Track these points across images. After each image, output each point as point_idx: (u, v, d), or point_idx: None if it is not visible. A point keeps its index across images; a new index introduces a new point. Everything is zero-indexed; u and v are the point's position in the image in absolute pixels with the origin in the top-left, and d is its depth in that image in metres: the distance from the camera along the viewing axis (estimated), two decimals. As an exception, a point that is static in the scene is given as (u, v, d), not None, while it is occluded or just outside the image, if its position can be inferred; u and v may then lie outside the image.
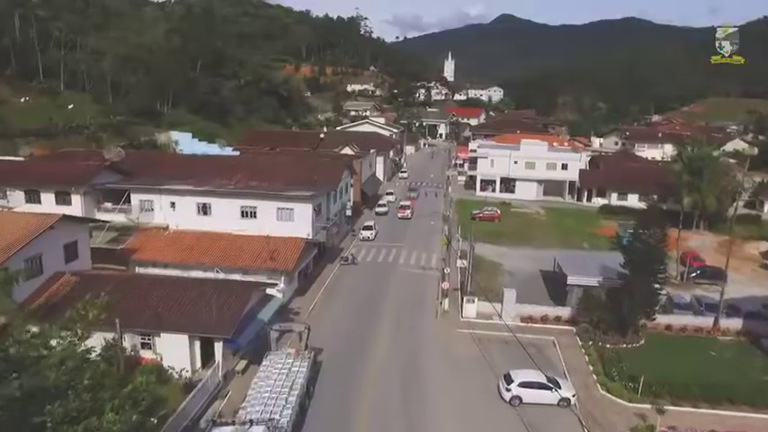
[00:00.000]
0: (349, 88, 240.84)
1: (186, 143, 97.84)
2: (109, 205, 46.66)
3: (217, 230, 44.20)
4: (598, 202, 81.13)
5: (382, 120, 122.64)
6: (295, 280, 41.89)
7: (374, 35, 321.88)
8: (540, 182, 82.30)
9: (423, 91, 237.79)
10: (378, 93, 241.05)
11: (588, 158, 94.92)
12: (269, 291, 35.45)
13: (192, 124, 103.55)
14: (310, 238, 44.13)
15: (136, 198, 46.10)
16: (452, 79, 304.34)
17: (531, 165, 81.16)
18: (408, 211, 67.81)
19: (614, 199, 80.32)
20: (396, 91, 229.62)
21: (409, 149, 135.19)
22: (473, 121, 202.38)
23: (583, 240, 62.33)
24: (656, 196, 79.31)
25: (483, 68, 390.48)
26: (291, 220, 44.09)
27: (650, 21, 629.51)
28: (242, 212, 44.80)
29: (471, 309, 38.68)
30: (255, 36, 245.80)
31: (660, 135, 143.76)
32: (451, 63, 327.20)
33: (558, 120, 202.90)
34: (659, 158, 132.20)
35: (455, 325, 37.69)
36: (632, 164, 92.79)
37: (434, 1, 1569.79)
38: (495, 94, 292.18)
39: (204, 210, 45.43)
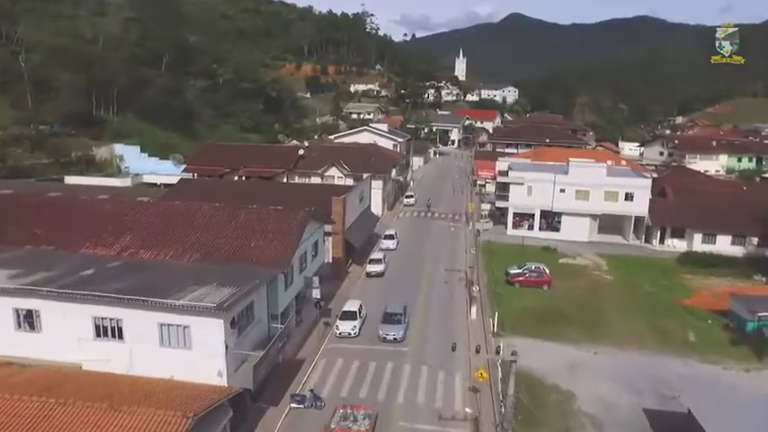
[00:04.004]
0: (352, 88, 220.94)
1: (133, 159, 78.01)
2: None
3: (59, 361, 23.43)
4: (674, 245, 59.26)
5: (384, 127, 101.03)
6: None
7: (381, 33, 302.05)
8: (594, 217, 60.58)
9: (432, 91, 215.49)
10: (383, 93, 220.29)
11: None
12: None
13: (145, 134, 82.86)
14: (224, 381, 22.88)
15: None
16: (464, 78, 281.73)
17: (584, 194, 59.35)
18: None
19: (697, 242, 58.43)
20: (403, 91, 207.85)
21: (417, 161, 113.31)
22: (487, 125, 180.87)
23: (682, 323, 40.60)
24: (756, 239, 57.81)
25: (493, 68, 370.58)
26: (187, 348, 22.90)
27: (663, 20, 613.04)
28: (97, 329, 23.64)
29: None
30: (255, 33, 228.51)
31: (715, 144, 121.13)
32: (463, 61, 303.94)
33: (585, 124, 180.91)
34: (714, 172, 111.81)
35: None
36: (711, 188, 70.62)
37: (443, 0, 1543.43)
38: (510, 94, 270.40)
39: (29, 322, 24.25)
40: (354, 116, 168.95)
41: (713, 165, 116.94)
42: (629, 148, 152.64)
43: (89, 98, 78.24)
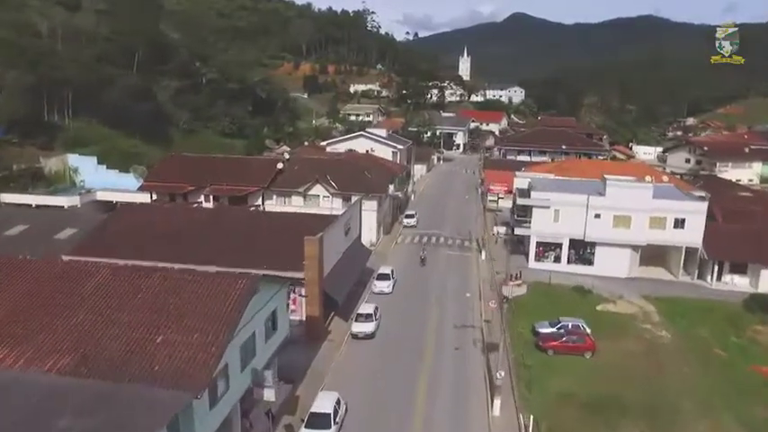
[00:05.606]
0: (352, 89, 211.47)
1: (89, 172, 67.29)
2: None
3: None
4: (734, 283, 48.46)
5: (383, 132, 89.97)
6: None
7: (382, 32, 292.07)
8: (635, 248, 49.64)
9: (435, 92, 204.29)
10: (384, 94, 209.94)
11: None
12: None
13: (106, 142, 72.18)
14: None
15: None
16: (468, 78, 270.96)
17: (624, 221, 48.43)
18: None
19: (765, 279, 47.56)
20: (405, 92, 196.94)
21: (419, 169, 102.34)
22: (493, 126, 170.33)
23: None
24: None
25: (497, 68, 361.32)
26: None
27: (668, 19, 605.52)
28: None
29: None
30: (252, 32, 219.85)
31: (748, 150, 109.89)
32: (467, 60, 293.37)
33: (596, 126, 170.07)
34: (746, 181, 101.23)
35: None
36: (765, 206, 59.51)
37: (446, 0, 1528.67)
38: (516, 95, 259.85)
39: None
40: (353, 118, 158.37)
41: (746, 173, 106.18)
42: (645, 152, 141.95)
43: (39, 100, 67.56)
